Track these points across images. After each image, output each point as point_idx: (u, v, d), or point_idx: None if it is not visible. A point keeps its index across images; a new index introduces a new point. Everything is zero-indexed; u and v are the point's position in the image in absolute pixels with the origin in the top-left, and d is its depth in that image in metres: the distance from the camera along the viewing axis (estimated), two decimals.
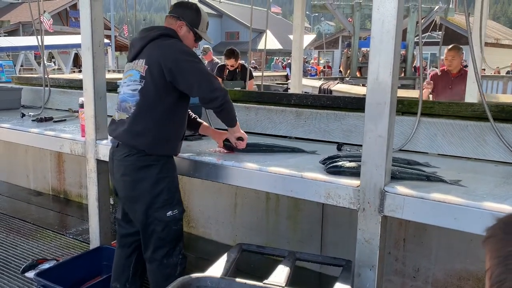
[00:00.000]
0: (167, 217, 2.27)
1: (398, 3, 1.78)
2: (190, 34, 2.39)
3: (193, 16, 2.40)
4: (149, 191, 2.24)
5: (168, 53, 2.21)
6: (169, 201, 2.28)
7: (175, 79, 2.19)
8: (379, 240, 1.94)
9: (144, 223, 2.29)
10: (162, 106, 2.23)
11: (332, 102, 3.13)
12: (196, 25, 2.40)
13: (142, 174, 2.25)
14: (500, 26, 33.04)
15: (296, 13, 5.37)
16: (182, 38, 2.36)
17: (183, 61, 2.20)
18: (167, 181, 2.28)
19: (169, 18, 2.40)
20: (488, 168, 2.35)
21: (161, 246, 2.31)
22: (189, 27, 2.37)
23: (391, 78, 1.83)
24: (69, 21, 27.44)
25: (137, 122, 2.24)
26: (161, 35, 2.30)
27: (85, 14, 2.81)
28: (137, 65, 2.28)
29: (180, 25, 2.36)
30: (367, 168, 1.92)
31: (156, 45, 2.26)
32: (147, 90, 2.22)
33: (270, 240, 3.42)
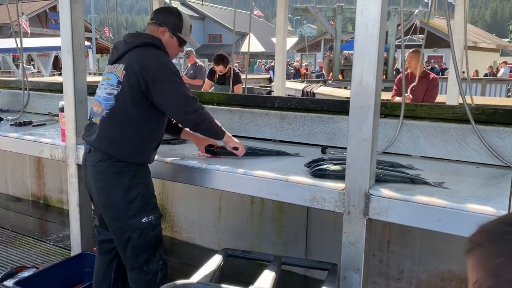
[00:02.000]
0: (143, 224, 2.22)
1: (381, 6, 1.79)
2: (174, 39, 2.36)
3: (175, 21, 2.36)
4: (122, 198, 2.19)
5: (148, 65, 2.17)
6: (143, 208, 2.23)
7: (149, 93, 2.16)
8: (364, 243, 1.94)
9: (118, 230, 2.24)
10: (136, 113, 2.18)
11: (316, 105, 3.13)
12: (178, 29, 2.37)
13: (114, 180, 2.20)
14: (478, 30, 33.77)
15: (279, 16, 5.38)
16: (165, 44, 2.32)
17: (161, 78, 2.16)
18: (141, 187, 2.23)
19: (151, 25, 2.36)
20: (470, 170, 2.38)
21: (139, 253, 2.27)
22: (172, 32, 2.34)
23: (375, 81, 1.84)
24: (49, 23, 27.00)
25: (109, 127, 2.19)
26: (146, 44, 2.26)
27: (65, 16, 2.76)
28: (116, 69, 2.23)
29: (162, 31, 2.32)
30: (351, 171, 1.93)
31: (138, 52, 2.22)
32: (122, 96, 2.17)
33: (255, 243, 3.40)
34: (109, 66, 2.32)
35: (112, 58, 2.32)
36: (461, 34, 4.28)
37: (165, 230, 3.91)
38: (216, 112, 3.40)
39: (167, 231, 3.90)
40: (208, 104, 3.57)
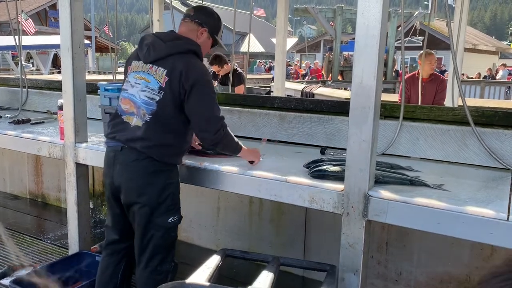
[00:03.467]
0: (169, 223, 2.25)
1: (382, 7, 1.78)
2: (210, 40, 2.38)
3: (215, 23, 2.41)
4: (156, 196, 2.21)
5: (192, 76, 2.16)
6: (172, 207, 2.26)
7: (185, 101, 2.18)
8: (363, 245, 1.93)
9: (143, 229, 2.24)
10: (177, 120, 2.21)
11: (316, 106, 3.13)
12: (216, 32, 2.41)
13: (152, 179, 2.21)
14: (477, 32, 33.83)
15: (279, 17, 5.37)
16: (201, 43, 2.32)
17: (197, 89, 2.16)
18: (173, 187, 2.27)
19: (190, 23, 2.33)
20: (470, 172, 2.38)
21: (158, 253, 2.28)
22: (210, 34, 2.36)
23: (375, 82, 1.83)
24: (48, 21, 26.97)
25: (153, 132, 2.19)
26: (190, 51, 2.25)
27: (64, 14, 2.75)
28: (156, 73, 2.20)
29: (202, 31, 2.33)
30: (351, 172, 1.92)
31: (183, 61, 2.19)
32: (165, 103, 2.17)
33: (253, 244, 3.40)
34: (142, 64, 2.25)
35: (149, 56, 2.24)
36: (461, 36, 4.28)
37: None
38: None
39: None
40: None
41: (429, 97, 4.66)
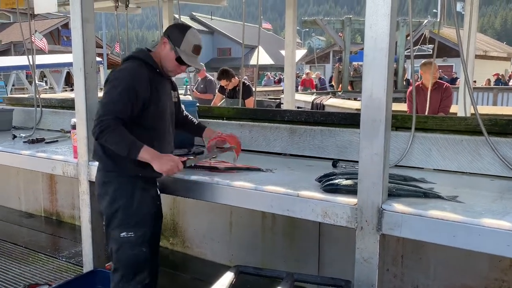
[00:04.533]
0: (121, 238, 2.24)
1: (390, 21, 1.78)
2: (172, 53, 2.28)
3: (176, 33, 2.30)
4: (108, 207, 2.28)
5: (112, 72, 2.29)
6: (124, 222, 2.25)
7: None
8: (378, 259, 1.91)
9: (107, 239, 2.34)
10: None
11: (326, 118, 3.12)
12: (177, 43, 2.27)
13: (105, 189, 2.30)
14: (488, 38, 33.60)
15: (288, 29, 5.41)
16: (164, 57, 2.31)
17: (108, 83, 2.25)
18: (124, 201, 2.26)
19: (161, 37, 2.42)
20: (484, 182, 2.35)
21: (117, 268, 2.30)
22: (172, 46, 2.27)
23: (385, 95, 1.82)
24: (61, 40, 27.49)
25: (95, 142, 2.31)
26: (129, 58, 2.35)
27: (77, 35, 2.80)
28: None
29: (164, 42, 2.32)
30: (364, 186, 1.90)
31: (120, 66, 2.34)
32: None
33: (266, 259, 3.37)
34: None
35: None
36: (471, 44, 4.25)
37: (177, 245, 3.90)
38: (226, 126, 3.41)
39: (179, 246, 3.89)
40: (218, 119, 3.58)
41: (434, 106, 4.63)
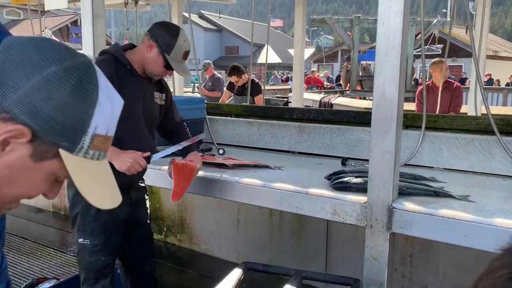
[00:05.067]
0: (79, 244, 2.22)
1: (403, 18, 1.77)
2: (159, 58, 2.09)
3: (166, 38, 2.09)
4: (70, 210, 2.25)
5: None
6: (81, 228, 2.19)
7: None
8: (387, 258, 1.89)
9: None
10: None
11: (335, 116, 3.11)
12: (167, 50, 2.09)
13: (68, 192, 2.27)
14: (498, 39, 33.27)
15: (297, 28, 5.38)
16: (149, 60, 2.10)
17: None
18: (81, 208, 2.18)
19: (145, 36, 2.14)
20: (496, 182, 2.32)
21: (80, 271, 2.29)
22: (160, 51, 2.08)
23: (397, 93, 1.81)
24: (70, 37, 27.64)
25: None
26: (101, 52, 2.19)
27: (87, 30, 2.81)
28: None
29: (150, 45, 2.09)
30: (374, 184, 1.89)
31: None
32: None
33: (273, 256, 3.37)
34: None
35: None
36: (483, 44, 4.21)
37: (184, 242, 3.91)
38: (234, 123, 3.41)
39: (186, 243, 3.90)
40: (226, 116, 3.58)
41: (444, 105, 4.60)
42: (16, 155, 0.66)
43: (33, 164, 0.68)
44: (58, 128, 0.65)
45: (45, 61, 0.65)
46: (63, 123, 0.66)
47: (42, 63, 0.65)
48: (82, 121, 0.67)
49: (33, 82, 0.64)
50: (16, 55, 0.65)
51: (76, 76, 0.66)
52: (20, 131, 0.64)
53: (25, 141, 0.65)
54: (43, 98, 0.64)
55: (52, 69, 0.65)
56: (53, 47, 0.67)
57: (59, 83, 0.65)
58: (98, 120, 0.68)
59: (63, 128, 0.66)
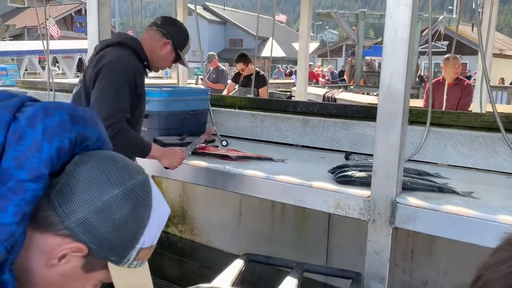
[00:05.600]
0: None
1: (412, 11, 1.75)
2: (173, 55, 2.25)
3: (183, 39, 2.27)
4: None
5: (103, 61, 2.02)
6: None
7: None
8: (390, 253, 1.89)
9: None
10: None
11: (340, 111, 3.10)
12: (181, 48, 2.27)
13: None
14: (504, 37, 33.07)
15: (303, 21, 5.36)
16: (161, 56, 2.21)
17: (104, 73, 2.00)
18: None
19: (154, 31, 2.22)
20: (500, 179, 2.31)
21: None
22: (174, 48, 2.23)
23: (404, 87, 1.80)
24: (74, 26, 27.60)
25: None
26: (118, 43, 2.10)
27: (92, 18, 2.80)
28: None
29: (165, 43, 2.20)
30: (378, 178, 1.89)
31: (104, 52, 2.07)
32: (78, 95, 2.13)
33: (275, 249, 3.37)
34: None
35: None
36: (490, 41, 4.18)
37: (185, 233, 3.92)
38: (238, 115, 3.40)
39: (187, 234, 3.90)
40: (230, 108, 3.57)
41: (452, 102, 4.58)
42: (70, 266, 0.72)
43: (83, 275, 0.73)
44: (111, 246, 0.71)
45: (109, 185, 0.70)
46: (116, 242, 0.71)
47: (106, 186, 0.70)
48: (133, 240, 0.73)
49: (96, 205, 0.69)
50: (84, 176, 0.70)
51: (134, 198, 0.71)
52: (79, 248, 0.70)
53: (80, 255, 0.71)
54: (102, 219, 0.69)
55: (114, 193, 0.70)
56: (117, 168, 0.72)
57: (119, 206, 0.70)
58: (146, 236, 0.74)
59: (115, 246, 0.71)
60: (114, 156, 0.75)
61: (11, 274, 0.66)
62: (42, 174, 0.66)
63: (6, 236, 0.63)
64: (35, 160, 0.66)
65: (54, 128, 0.68)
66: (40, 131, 0.67)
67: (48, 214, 0.69)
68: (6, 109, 0.68)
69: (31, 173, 0.65)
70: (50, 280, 0.72)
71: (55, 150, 0.68)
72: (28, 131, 0.67)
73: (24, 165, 0.65)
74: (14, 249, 0.65)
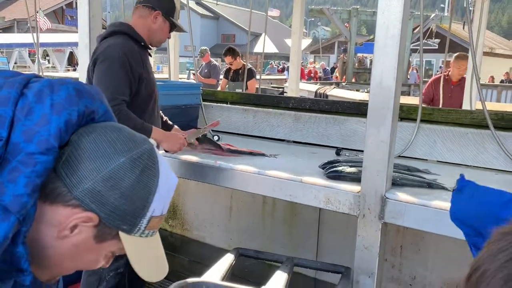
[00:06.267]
0: None
1: (403, 7, 1.76)
2: (167, 24, 2.28)
3: (169, 5, 2.29)
4: None
5: (98, 51, 2.14)
6: None
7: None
8: (379, 248, 1.91)
9: None
10: None
11: (331, 107, 3.11)
12: (171, 13, 2.29)
13: None
14: (494, 35, 33.37)
15: (295, 17, 5.35)
16: (156, 30, 2.26)
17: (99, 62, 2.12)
18: None
19: (142, 8, 2.26)
20: (489, 176, 2.34)
21: None
22: (165, 16, 2.26)
23: (395, 83, 1.81)
24: (65, 19, 27.31)
25: None
26: (113, 33, 2.19)
27: (83, 10, 2.77)
28: None
29: (155, 15, 2.24)
30: (368, 174, 1.90)
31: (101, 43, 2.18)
32: None
33: (265, 244, 3.38)
34: None
35: None
36: (480, 40, 4.22)
37: (176, 228, 3.91)
38: (230, 111, 3.40)
39: (178, 229, 3.90)
40: (222, 103, 3.57)
41: (456, 101, 4.59)
42: (82, 237, 0.72)
43: (95, 245, 0.74)
44: (121, 214, 0.71)
45: (115, 153, 0.71)
46: (126, 210, 0.71)
47: (112, 155, 0.71)
48: (143, 207, 0.73)
49: (103, 173, 0.70)
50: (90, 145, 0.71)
51: (140, 165, 0.72)
52: (89, 218, 0.71)
53: (91, 225, 0.72)
54: (110, 188, 0.70)
55: (121, 161, 0.71)
56: (122, 138, 0.73)
57: (125, 174, 0.71)
58: (156, 204, 0.74)
59: (125, 214, 0.72)
60: (119, 127, 0.76)
61: (24, 246, 0.66)
62: (51, 147, 0.67)
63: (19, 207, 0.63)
64: (44, 133, 0.67)
65: (61, 102, 0.69)
66: (48, 105, 0.68)
67: (55, 185, 0.69)
68: (13, 86, 0.69)
69: (41, 145, 0.66)
70: (63, 251, 0.72)
71: (63, 123, 0.68)
72: (36, 106, 0.68)
73: (32, 138, 0.66)
74: (26, 221, 0.65)
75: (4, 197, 0.63)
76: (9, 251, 0.65)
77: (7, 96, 0.68)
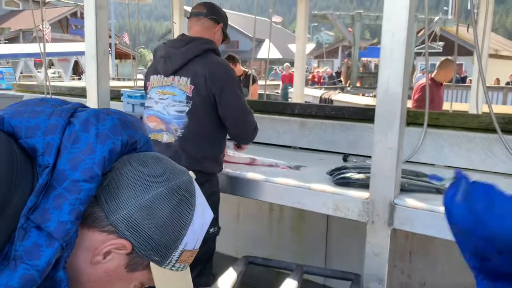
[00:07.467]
0: (209, 234, 2.21)
1: (409, 14, 1.76)
2: (221, 36, 2.37)
3: (226, 19, 2.40)
4: None
5: (217, 75, 2.12)
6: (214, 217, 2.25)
7: (217, 105, 2.14)
8: (388, 254, 1.90)
9: None
10: (211, 127, 2.16)
11: (337, 112, 3.11)
12: (226, 27, 2.40)
13: None
14: (499, 37, 33.25)
15: (299, 23, 5.37)
16: (217, 41, 2.32)
17: (228, 90, 2.13)
18: (215, 197, 2.23)
19: (206, 20, 2.28)
20: (497, 180, 2.32)
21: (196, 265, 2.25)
22: (222, 30, 2.36)
23: (402, 89, 1.81)
24: (69, 29, 27.52)
25: (189, 144, 2.13)
26: (207, 51, 2.18)
27: (90, 22, 2.79)
28: (180, 83, 2.14)
29: (219, 28, 2.32)
30: (376, 180, 1.90)
31: (203, 63, 2.13)
32: (195, 112, 2.12)
33: (273, 251, 3.38)
34: (164, 78, 2.19)
35: (167, 69, 2.18)
36: (485, 42, 4.21)
37: None
38: None
39: None
40: None
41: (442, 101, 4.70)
42: (114, 264, 0.72)
43: (126, 274, 0.74)
44: (153, 245, 0.71)
45: (154, 182, 0.71)
46: (159, 240, 0.71)
47: (151, 184, 0.71)
48: (175, 240, 0.72)
49: (140, 201, 0.70)
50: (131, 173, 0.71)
51: (178, 196, 0.72)
52: (123, 245, 0.70)
53: (124, 253, 0.71)
54: (145, 217, 0.70)
55: (159, 190, 0.71)
56: (162, 167, 0.73)
57: (162, 204, 0.70)
58: (189, 238, 0.74)
59: (158, 245, 0.71)
60: (160, 157, 0.77)
61: (64, 271, 0.67)
62: (95, 175, 0.68)
63: (63, 234, 0.64)
64: (89, 161, 0.68)
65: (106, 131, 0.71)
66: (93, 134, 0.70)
67: (94, 210, 0.70)
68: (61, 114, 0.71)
69: (85, 173, 0.67)
70: (95, 278, 0.72)
71: (107, 152, 0.70)
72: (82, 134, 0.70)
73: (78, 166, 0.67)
74: (67, 247, 0.66)
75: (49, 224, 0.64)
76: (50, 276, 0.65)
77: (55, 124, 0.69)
